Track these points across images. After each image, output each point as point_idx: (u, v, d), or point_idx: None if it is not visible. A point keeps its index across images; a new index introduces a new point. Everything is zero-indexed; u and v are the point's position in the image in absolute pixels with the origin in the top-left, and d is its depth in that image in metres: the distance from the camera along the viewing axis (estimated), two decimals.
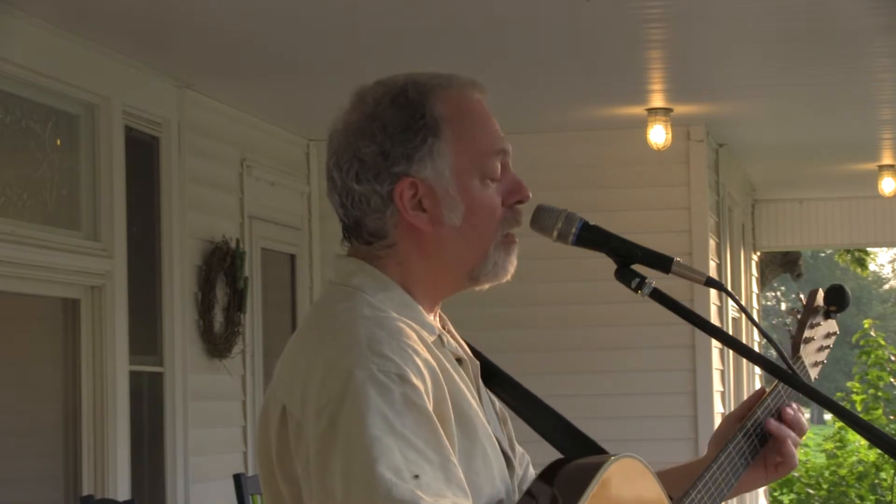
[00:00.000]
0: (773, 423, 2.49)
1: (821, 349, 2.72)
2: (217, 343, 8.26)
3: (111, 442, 7.15)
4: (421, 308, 2.21)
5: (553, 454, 2.27)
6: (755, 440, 2.47)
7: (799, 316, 2.71)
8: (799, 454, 2.62)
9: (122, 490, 7.16)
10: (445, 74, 2.27)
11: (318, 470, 2.03)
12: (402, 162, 2.18)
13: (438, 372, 2.12)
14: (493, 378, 2.34)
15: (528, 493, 2.17)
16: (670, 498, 2.28)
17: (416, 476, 1.97)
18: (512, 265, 2.25)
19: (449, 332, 2.28)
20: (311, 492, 2.05)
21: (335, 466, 2.00)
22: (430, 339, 2.18)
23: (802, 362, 2.66)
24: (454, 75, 2.28)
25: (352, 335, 2.08)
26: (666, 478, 2.32)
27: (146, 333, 7.74)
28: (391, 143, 2.19)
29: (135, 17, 6.85)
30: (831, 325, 2.75)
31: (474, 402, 2.18)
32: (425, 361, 2.10)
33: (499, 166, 2.24)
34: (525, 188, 2.26)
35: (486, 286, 2.26)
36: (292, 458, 2.10)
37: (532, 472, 2.31)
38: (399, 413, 2.01)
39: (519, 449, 2.34)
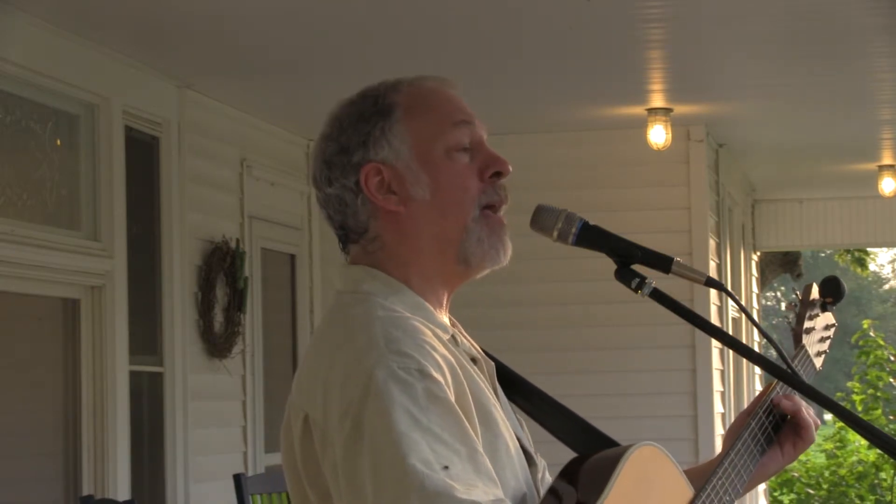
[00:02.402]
0: (785, 400, 2.46)
1: (822, 340, 2.74)
2: (217, 343, 8.26)
3: (111, 442, 7.15)
4: (432, 308, 2.21)
5: (570, 455, 2.27)
6: (768, 426, 2.45)
7: (797, 309, 2.72)
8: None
9: (122, 490, 7.16)
10: (409, 76, 2.29)
11: (346, 472, 2.03)
12: (360, 150, 2.21)
13: (457, 368, 2.12)
14: (508, 381, 2.34)
15: (552, 491, 2.17)
16: (692, 487, 2.27)
17: (446, 467, 1.97)
18: (504, 245, 2.23)
19: (461, 332, 2.28)
20: (342, 495, 2.05)
21: (364, 466, 2.00)
22: (445, 337, 2.18)
23: (806, 352, 2.66)
24: (418, 75, 2.29)
25: (368, 337, 2.08)
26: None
27: (146, 333, 7.74)
28: (347, 136, 2.22)
29: (135, 17, 6.85)
30: (829, 318, 2.76)
31: (492, 399, 2.19)
32: (443, 357, 2.10)
33: (465, 138, 2.23)
34: (502, 160, 2.24)
35: (484, 270, 2.25)
36: (319, 466, 2.09)
37: (549, 478, 2.30)
38: (423, 408, 2.01)
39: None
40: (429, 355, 2.07)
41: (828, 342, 2.76)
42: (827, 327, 2.76)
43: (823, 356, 2.74)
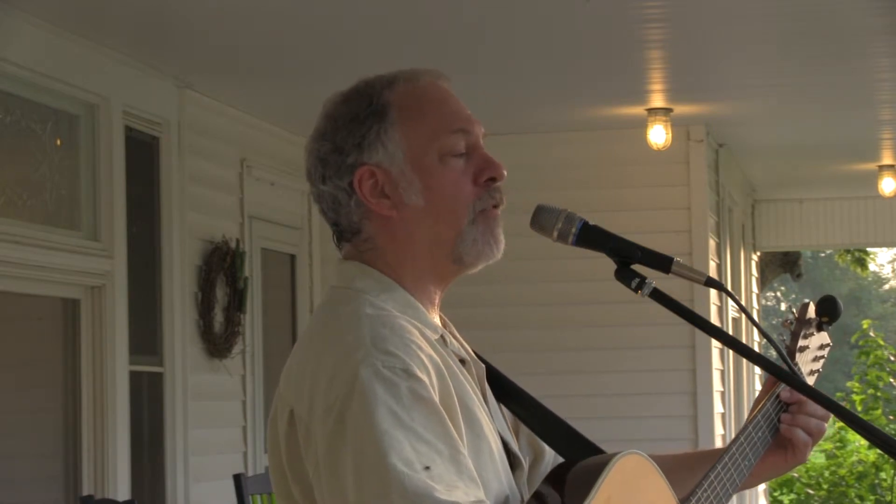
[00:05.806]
0: (785, 422, 2.47)
1: (816, 359, 2.73)
2: (217, 343, 8.26)
3: (111, 442, 7.15)
4: (423, 308, 2.21)
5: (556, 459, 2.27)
6: (765, 429, 2.45)
7: (792, 327, 2.71)
8: None
9: (122, 490, 7.16)
10: (404, 69, 2.29)
11: (328, 469, 2.04)
12: (354, 152, 2.21)
13: (443, 368, 2.12)
14: (498, 385, 2.34)
15: (536, 496, 2.17)
16: (676, 496, 2.28)
17: (428, 468, 1.98)
18: (497, 240, 2.23)
19: (451, 333, 2.28)
20: (323, 492, 2.06)
21: (346, 463, 2.01)
22: (434, 337, 2.18)
23: (799, 370, 2.66)
24: (413, 68, 2.29)
25: (356, 335, 2.09)
26: (682, 462, 2.34)
27: (146, 333, 7.74)
28: (342, 136, 2.22)
29: (135, 17, 6.85)
30: (824, 337, 2.75)
31: (478, 401, 2.19)
32: (429, 357, 2.11)
33: (460, 143, 2.22)
34: (497, 165, 2.23)
35: (478, 266, 2.24)
36: (303, 461, 2.11)
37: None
38: (407, 407, 2.02)
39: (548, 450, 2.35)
40: (414, 355, 2.08)
41: (821, 361, 2.75)
42: (821, 347, 2.75)
43: (816, 375, 2.73)
